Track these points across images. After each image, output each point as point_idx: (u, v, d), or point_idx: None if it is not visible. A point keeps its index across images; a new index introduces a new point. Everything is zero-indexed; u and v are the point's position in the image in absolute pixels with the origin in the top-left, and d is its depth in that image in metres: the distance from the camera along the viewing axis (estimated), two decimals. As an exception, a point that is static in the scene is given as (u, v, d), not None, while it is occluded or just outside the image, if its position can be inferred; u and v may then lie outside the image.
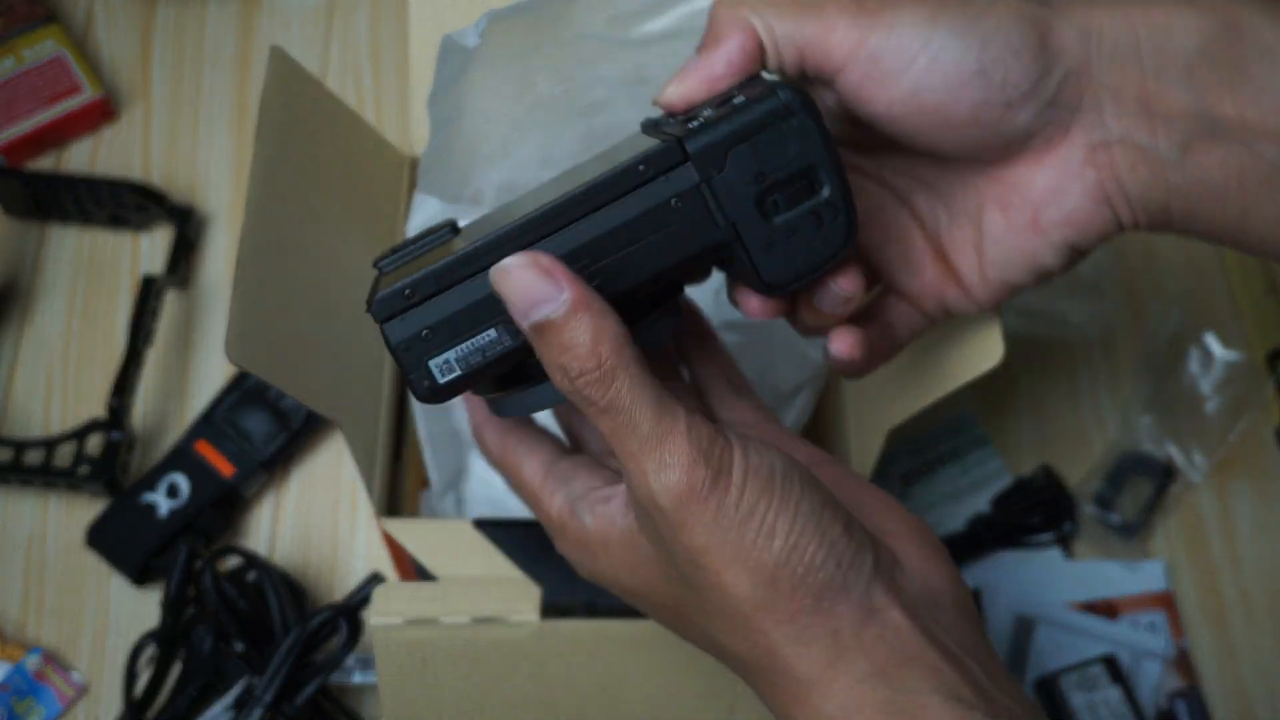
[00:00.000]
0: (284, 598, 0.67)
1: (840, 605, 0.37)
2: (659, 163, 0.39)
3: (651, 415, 0.37)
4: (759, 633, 0.38)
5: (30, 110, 0.83)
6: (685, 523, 0.37)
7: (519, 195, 0.45)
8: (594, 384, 0.37)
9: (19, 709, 0.69)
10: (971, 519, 0.75)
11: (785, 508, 0.37)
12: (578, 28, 0.58)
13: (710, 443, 0.38)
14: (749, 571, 0.37)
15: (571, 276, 0.38)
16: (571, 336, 0.37)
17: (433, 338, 0.39)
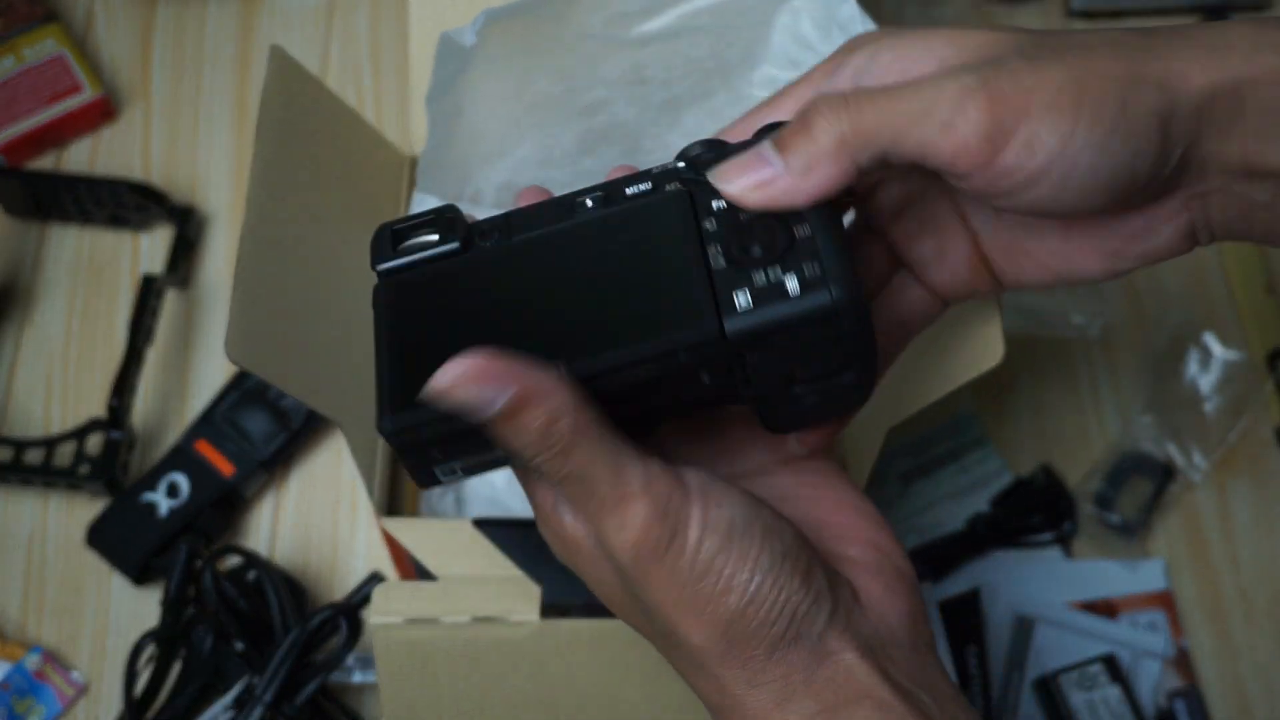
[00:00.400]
0: (284, 597, 0.67)
1: (792, 653, 0.39)
2: (698, 349, 0.38)
3: (608, 479, 0.38)
4: (713, 675, 0.39)
5: (30, 110, 0.83)
6: (643, 579, 0.38)
7: (530, 217, 0.42)
8: (550, 461, 0.38)
9: (19, 708, 0.69)
10: (971, 519, 0.75)
11: (742, 563, 0.38)
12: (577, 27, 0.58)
13: (667, 500, 0.38)
14: (704, 624, 0.38)
15: (514, 369, 0.37)
16: (525, 421, 0.37)
17: (441, 453, 0.39)
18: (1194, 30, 0.40)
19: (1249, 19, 0.41)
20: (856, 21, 0.56)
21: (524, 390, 0.37)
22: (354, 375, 0.59)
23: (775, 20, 0.60)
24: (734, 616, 0.38)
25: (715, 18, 0.59)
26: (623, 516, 0.38)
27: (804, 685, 0.39)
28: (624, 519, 0.38)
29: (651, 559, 0.38)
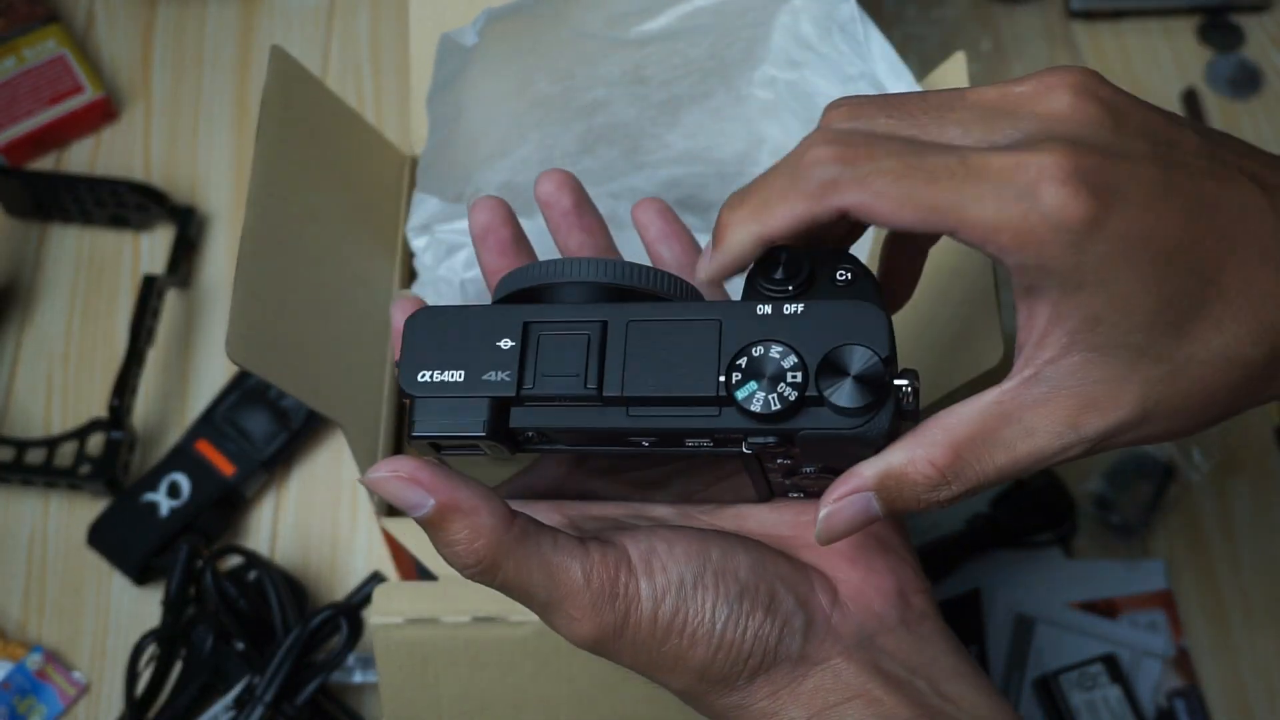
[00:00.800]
0: (284, 597, 0.67)
1: (775, 672, 0.39)
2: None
3: (545, 584, 0.38)
4: (704, 705, 0.40)
5: (31, 110, 0.83)
6: (609, 656, 0.39)
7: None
8: (481, 575, 0.38)
9: (20, 708, 0.69)
10: (971, 519, 0.75)
11: (701, 617, 0.39)
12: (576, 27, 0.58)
13: (612, 584, 0.38)
14: (680, 676, 0.39)
15: (441, 481, 0.37)
16: (448, 534, 0.38)
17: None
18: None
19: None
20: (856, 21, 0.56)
21: (443, 504, 0.37)
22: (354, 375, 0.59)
23: (775, 20, 0.60)
24: (705, 665, 0.39)
25: (715, 17, 0.59)
26: (569, 614, 0.38)
27: (790, 696, 0.39)
28: (570, 616, 0.38)
29: (610, 641, 0.39)
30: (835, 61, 0.58)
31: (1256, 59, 0.89)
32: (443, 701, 0.54)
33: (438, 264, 0.60)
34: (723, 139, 0.66)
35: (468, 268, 0.59)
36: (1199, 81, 0.88)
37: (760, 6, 0.59)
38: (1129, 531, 0.75)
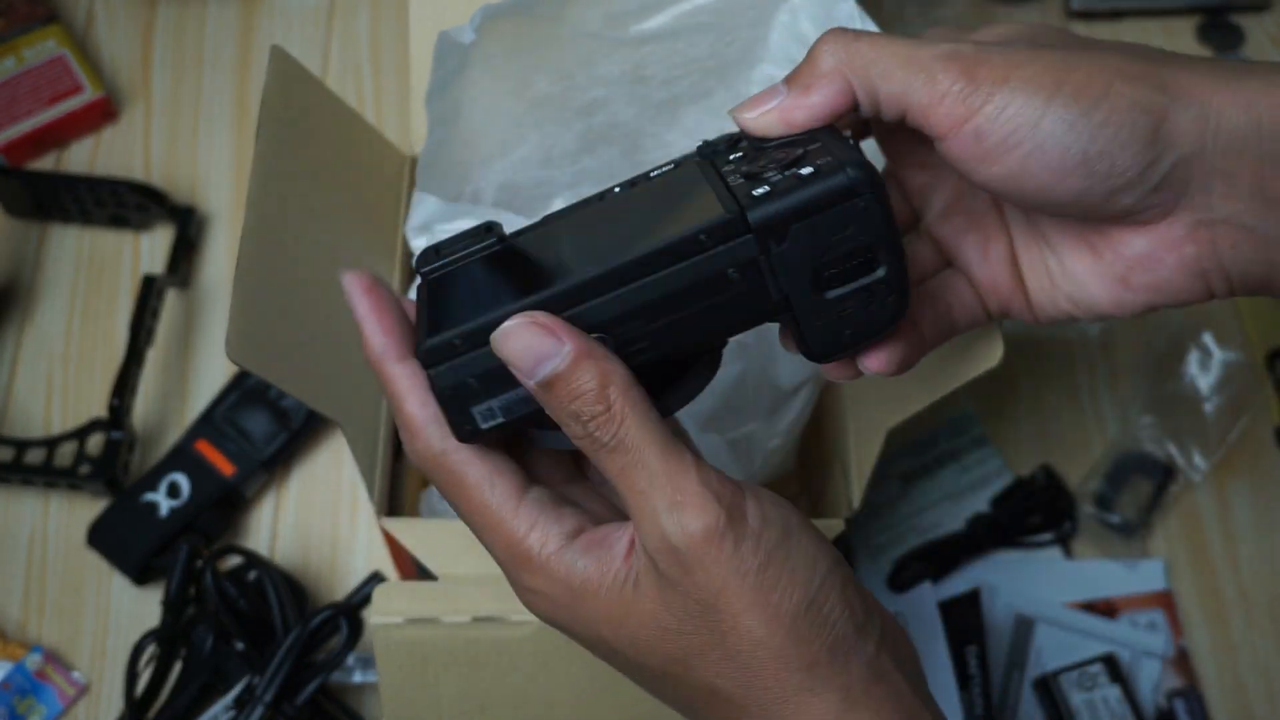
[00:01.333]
0: (284, 597, 0.67)
1: (852, 662, 0.38)
2: (721, 234, 0.39)
3: (660, 454, 0.38)
4: (773, 678, 0.38)
5: (31, 110, 0.83)
6: (701, 563, 0.37)
7: (563, 210, 0.44)
8: (603, 425, 0.37)
9: (20, 708, 0.69)
10: (971, 519, 0.75)
11: (804, 559, 0.38)
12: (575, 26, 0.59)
13: (721, 485, 0.38)
14: (769, 618, 0.37)
15: (571, 330, 0.38)
16: (579, 385, 0.38)
17: (479, 386, 0.40)
18: (1219, 61, 0.40)
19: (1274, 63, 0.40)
20: (855, 20, 0.56)
21: (582, 348, 0.38)
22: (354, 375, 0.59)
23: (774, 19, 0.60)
24: (798, 611, 0.37)
25: (714, 16, 0.59)
26: (677, 493, 0.37)
27: (864, 698, 0.38)
28: (678, 496, 0.37)
29: (710, 540, 0.37)
30: (835, 61, 0.58)
31: (1256, 59, 0.89)
32: (443, 701, 0.54)
33: (437, 264, 0.60)
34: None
35: (467, 267, 0.59)
36: (1199, 81, 0.88)
37: (759, 5, 0.59)
38: (1129, 531, 0.75)
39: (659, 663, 0.39)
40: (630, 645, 0.40)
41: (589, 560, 0.40)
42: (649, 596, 0.39)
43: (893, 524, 0.76)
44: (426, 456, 0.41)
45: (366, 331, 0.42)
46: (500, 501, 0.41)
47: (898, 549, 0.74)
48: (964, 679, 0.69)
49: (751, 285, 0.39)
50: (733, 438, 0.62)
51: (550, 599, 0.40)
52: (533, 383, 0.38)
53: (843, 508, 0.62)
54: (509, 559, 0.41)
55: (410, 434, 0.41)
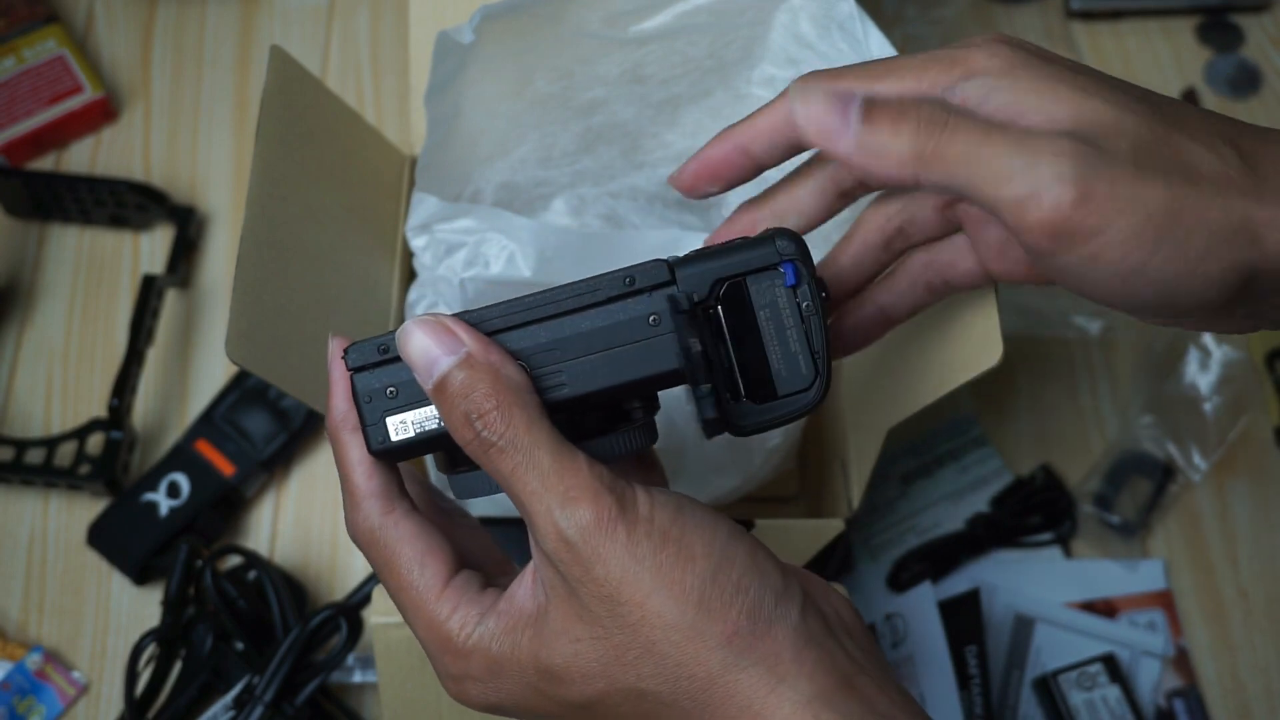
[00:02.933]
0: (284, 597, 0.67)
1: (777, 628, 0.37)
2: (646, 276, 0.40)
3: (551, 453, 0.37)
4: (695, 662, 0.37)
5: (31, 110, 0.83)
6: (598, 554, 0.37)
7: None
8: (492, 423, 0.37)
9: (20, 708, 0.69)
10: (971, 519, 0.75)
11: (700, 533, 0.37)
12: (575, 25, 0.59)
13: (611, 479, 0.38)
14: (673, 597, 0.37)
15: (474, 333, 0.39)
16: (470, 383, 0.38)
17: (396, 396, 0.40)
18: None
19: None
20: (855, 20, 0.56)
21: (479, 348, 0.38)
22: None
23: (774, 19, 0.60)
24: (704, 583, 0.37)
25: (714, 16, 0.59)
26: (568, 489, 0.37)
27: (795, 666, 0.37)
28: (570, 491, 0.37)
29: (603, 528, 0.37)
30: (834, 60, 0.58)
31: (1256, 59, 0.89)
32: (443, 701, 0.54)
33: (437, 263, 0.60)
34: (722, 139, 0.66)
35: (467, 267, 0.59)
36: (1198, 81, 0.88)
37: (759, 5, 0.59)
38: (1128, 531, 0.75)
39: (583, 693, 0.38)
40: (554, 686, 0.38)
41: (500, 622, 0.39)
42: (559, 614, 0.38)
43: (893, 524, 0.76)
44: (364, 529, 0.41)
45: (333, 395, 0.41)
46: (427, 584, 0.40)
47: (898, 549, 0.74)
48: (964, 679, 0.69)
49: (665, 333, 0.40)
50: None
51: (477, 681, 0.40)
52: (430, 383, 0.39)
53: (843, 508, 0.62)
54: (431, 642, 0.40)
55: (352, 504, 0.41)
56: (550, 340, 0.40)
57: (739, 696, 0.36)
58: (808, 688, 0.36)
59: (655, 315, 0.40)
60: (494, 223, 0.59)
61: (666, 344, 0.40)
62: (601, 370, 0.40)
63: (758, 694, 0.36)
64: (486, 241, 0.59)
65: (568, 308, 0.40)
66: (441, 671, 0.41)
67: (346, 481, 0.41)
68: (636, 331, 0.40)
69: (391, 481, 0.41)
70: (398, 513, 0.41)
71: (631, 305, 0.40)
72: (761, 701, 0.36)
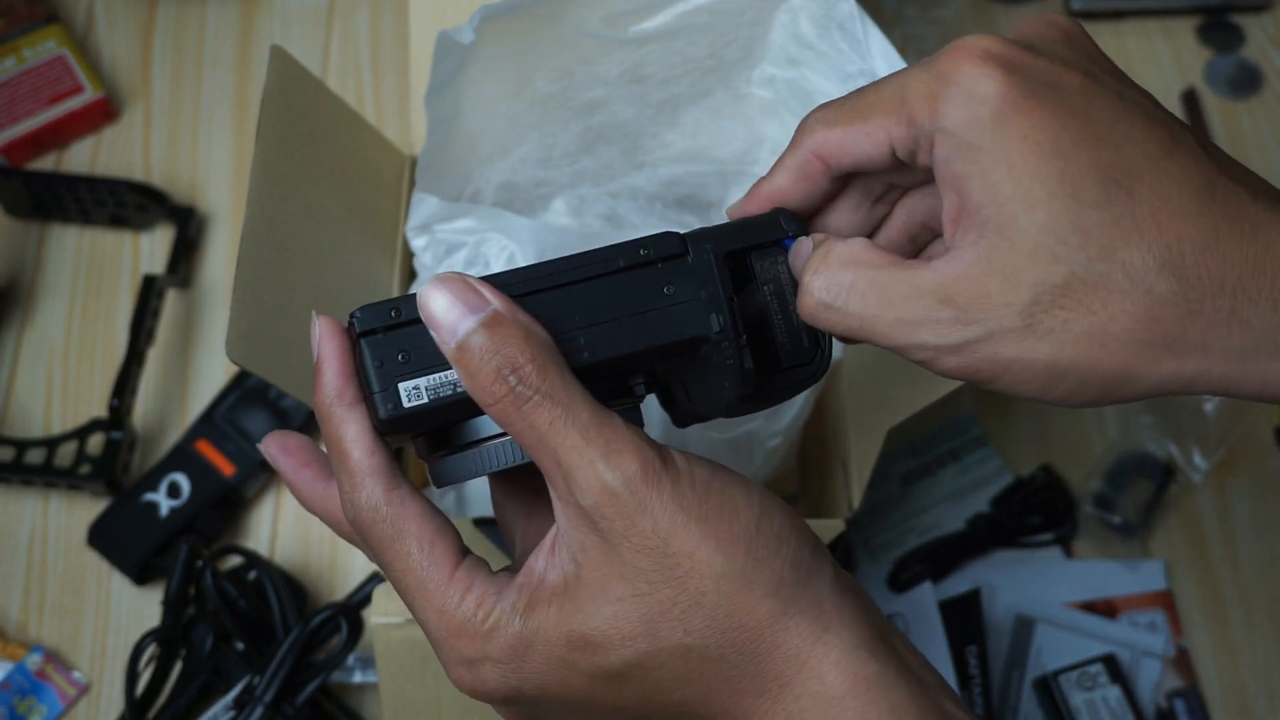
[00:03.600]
0: (284, 597, 0.67)
1: (817, 579, 0.37)
2: (659, 247, 0.40)
3: (590, 407, 0.37)
4: (745, 611, 0.36)
5: (31, 110, 0.83)
6: (644, 505, 0.36)
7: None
8: (529, 377, 0.36)
9: (20, 708, 0.69)
10: (971, 519, 0.75)
11: (738, 487, 0.37)
12: (574, 25, 0.58)
13: (646, 437, 0.37)
14: (725, 544, 0.36)
15: (497, 291, 0.38)
16: (502, 339, 0.37)
17: (408, 361, 0.39)
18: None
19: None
20: (855, 20, 0.56)
21: (507, 305, 0.38)
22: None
23: (774, 19, 0.60)
24: (750, 532, 0.37)
25: (713, 16, 0.59)
26: (611, 441, 0.36)
27: (837, 615, 0.37)
28: (613, 443, 0.36)
29: (650, 479, 0.36)
30: (834, 60, 0.58)
31: (1256, 59, 0.89)
32: (443, 701, 0.54)
33: (437, 263, 0.60)
34: (722, 138, 0.66)
35: (467, 267, 0.59)
36: (1199, 82, 0.88)
37: (759, 5, 0.59)
38: (1129, 531, 0.75)
39: (622, 657, 0.37)
40: (588, 656, 0.37)
41: (522, 595, 0.38)
42: (595, 576, 0.37)
43: (893, 524, 0.76)
44: (365, 508, 0.39)
45: (326, 370, 0.39)
46: (437, 564, 0.38)
47: (898, 549, 0.74)
48: (964, 679, 0.69)
49: (683, 300, 0.40)
50: (732, 437, 0.62)
51: (496, 664, 0.38)
52: (454, 341, 0.37)
53: (843, 508, 0.62)
54: (441, 626, 0.38)
55: (352, 484, 0.39)
56: (569, 307, 0.39)
57: (786, 646, 0.37)
58: (850, 636, 0.37)
59: (671, 286, 0.40)
60: (494, 223, 0.59)
61: (688, 312, 0.40)
62: (621, 337, 0.40)
63: (805, 643, 0.37)
64: (486, 241, 0.59)
65: (586, 274, 0.40)
66: (453, 658, 0.39)
67: (345, 460, 0.39)
68: (655, 300, 0.40)
69: (392, 459, 0.40)
70: (403, 490, 0.39)
71: (648, 274, 0.40)
72: (809, 651, 0.36)
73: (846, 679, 0.36)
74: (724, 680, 0.37)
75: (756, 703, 0.37)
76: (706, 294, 0.40)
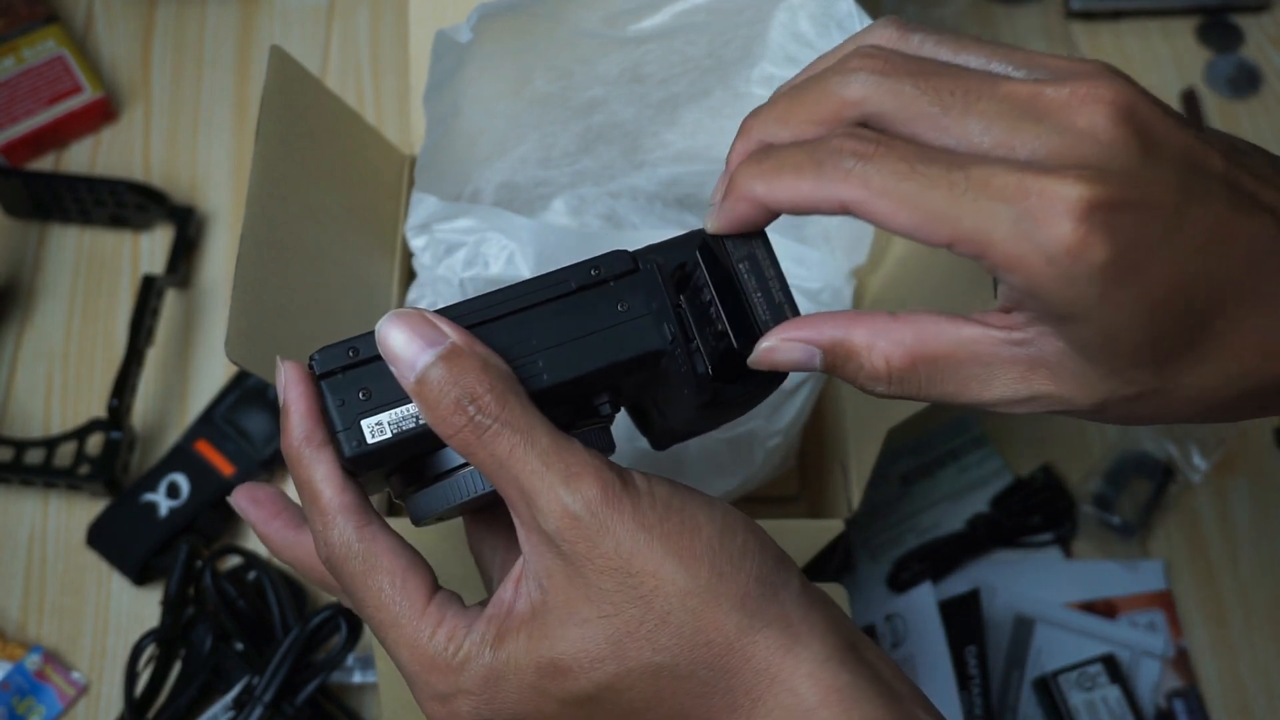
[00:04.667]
0: (284, 597, 0.67)
1: (783, 593, 0.37)
2: (610, 265, 0.41)
3: (549, 433, 0.37)
4: (712, 627, 0.36)
5: (30, 110, 0.83)
6: (606, 527, 0.36)
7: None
8: (488, 405, 0.37)
9: (20, 708, 0.69)
10: (971, 519, 0.75)
11: (698, 504, 0.38)
12: (573, 25, 0.59)
13: (605, 459, 0.38)
14: (685, 564, 0.36)
15: (453, 324, 0.38)
16: (461, 370, 0.37)
17: (370, 398, 0.39)
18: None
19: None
20: (854, 19, 0.56)
21: (465, 338, 0.38)
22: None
23: (773, 18, 0.60)
24: (713, 548, 0.37)
25: (712, 15, 0.59)
26: (571, 466, 0.36)
27: (805, 626, 0.37)
28: (573, 468, 0.36)
29: (610, 501, 0.36)
30: (834, 61, 0.58)
31: (1255, 59, 0.89)
32: (442, 701, 0.54)
33: (437, 263, 0.60)
34: (722, 137, 0.66)
35: (467, 267, 0.59)
36: (1198, 82, 0.88)
37: (757, 4, 0.59)
38: (1128, 532, 0.75)
39: (591, 680, 0.37)
40: (558, 681, 0.37)
41: (491, 627, 0.38)
42: (561, 600, 0.37)
43: (893, 524, 0.76)
44: (338, 545, 0.39)
45: (293, 414, 0.40)
46: (409, 599, 0.39)
47: (898, 549, 0.74)
48: (964, 679, 0.69)
49: (637, 316, 0.41)
50: (732, 437, 0.62)
51: (469, 696, 0.38)
52: (413, 375, 0.38)
53: (843, 508, 0.62)
54: (414, 661, 0.39)
55: (324, 523, 0.39)
56: (525, 332, 0.40)
57: (756, 660, 0.37)
58: (820, 648, 0.37)
59: (624, 303, 0.41)
60: (494, 222, 0.59)
61: (643, 326, 0.41)
62: (579, 357, 0.40)
63: (774, 656, 0.37)
64: (486, 241, 0.59)
65: (540, 298, 0.40)
66: (427, 694, 0.39)
67: (316, 500, 0.39)
68: (609, 318, 0.40)
69: (363, 497, 0.40)
70: (374, 526, 0.39)
71: (602, 293, 0.41)
72: (779, 664, 0.36)
73: (819, 691, 0.36)
74: (695, 698, 0.37)
75: (730, 718, 0.37)
76: (657, 305, 0.41)
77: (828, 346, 0.38)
